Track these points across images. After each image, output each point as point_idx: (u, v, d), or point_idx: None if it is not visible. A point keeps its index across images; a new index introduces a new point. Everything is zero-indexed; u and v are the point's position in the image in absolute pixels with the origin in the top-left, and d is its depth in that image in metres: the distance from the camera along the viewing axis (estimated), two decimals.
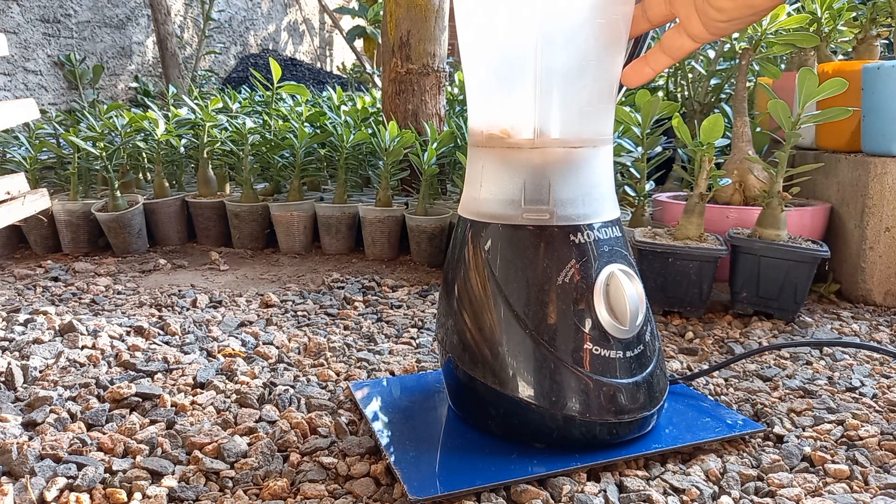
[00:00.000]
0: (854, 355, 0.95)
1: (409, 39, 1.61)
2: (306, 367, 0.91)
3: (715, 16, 0.56)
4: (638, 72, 0.65)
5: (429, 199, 1.47)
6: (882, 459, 0.67)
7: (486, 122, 0.66)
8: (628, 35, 0.64)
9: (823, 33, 1.37)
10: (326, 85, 3.48)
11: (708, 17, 0.57)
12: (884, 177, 1.15)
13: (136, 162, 1.80)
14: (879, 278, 1.18)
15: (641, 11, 0.63)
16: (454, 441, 0.68)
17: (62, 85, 2.67)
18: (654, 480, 0.63)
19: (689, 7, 0.58)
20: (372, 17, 3.44)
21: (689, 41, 0.60)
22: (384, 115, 1.68)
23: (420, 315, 1.13)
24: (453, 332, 0.68)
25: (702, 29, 0.58)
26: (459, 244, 0.69)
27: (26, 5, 2.50)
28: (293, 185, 1.57)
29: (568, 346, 0.63)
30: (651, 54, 0.64)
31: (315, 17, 4.49)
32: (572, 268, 0.63)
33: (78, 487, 0.61)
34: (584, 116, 0.64)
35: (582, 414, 0.63)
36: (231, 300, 1.21)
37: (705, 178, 1.09)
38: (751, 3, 0.54)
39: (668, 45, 0.62)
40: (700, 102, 1.61)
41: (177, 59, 2.91)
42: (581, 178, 0.65)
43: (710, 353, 0.97)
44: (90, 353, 0.93)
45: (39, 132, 1.83)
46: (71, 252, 1.58)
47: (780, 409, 0.78)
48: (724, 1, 0.55)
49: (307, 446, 0.69)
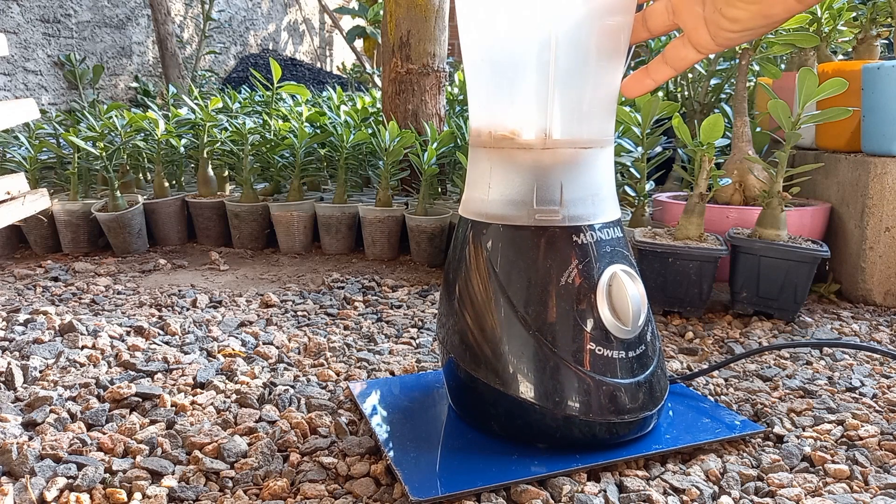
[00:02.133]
0: (854, 355, 0.95)
1: (409, 39, 1.61)
2: (306, 367, 0.91)
3: (727, 26, 0.54)
4: (639, 82, 0.63)
5: (429, 199, 1.47)
6: (882, 459, 0.67)
7: (493, 123, 0.65)
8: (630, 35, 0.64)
9: (823, 33, 1.37)
10: (326, 85, 3.48)
11: (719, 27, 0.54)
12: (884, 177, 1.15)
13: (136, 162, 1.80)
14: (879, 278, 1.18)
15: (641, 20, 0.62)
16: (455, 441, 0.68)
17: (62, 85, 2.67)
18: (654, 480, 0.63)
19: (696, 18, 0.56)
20: (372, 17, 3.43)
21: (693, 52, 0.58)
22: (384, 115, 1.68)
23: (420, 315, 1.13)
24: (454, 332, 0.68)
25: (709, 39, 0.56)
26: (461, 245, 0.69)
27: (26, 5, 2.50)
28: (293, 185, 1.57)
29: (570, 346, 0.63)
30: (653, 65, 0.62)
31: (315, 17, 4.49)
32: (575, 268, 0.64)
33: (78, 487, 0.61)
34: (593, 116, 0.64)
35: (584, 414, 0.63)
36: (231, 300, 1.21)
37: (705, 178, 1.09)
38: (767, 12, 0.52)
39: (671, 56, 0.60)
40: (700, 102, 1.61)
41: (177, 59, 2.91)
42: (589, 178, 0.65)
43: (710, 353, 0.97)
44: (90, 353, 0.93)
45: (39, 132, 1.83)
46: (71, 252, 1.57)
47: (780, 409, 0.78)
48: (738, 11, 0.52)
49: (307, 446, 0.69)
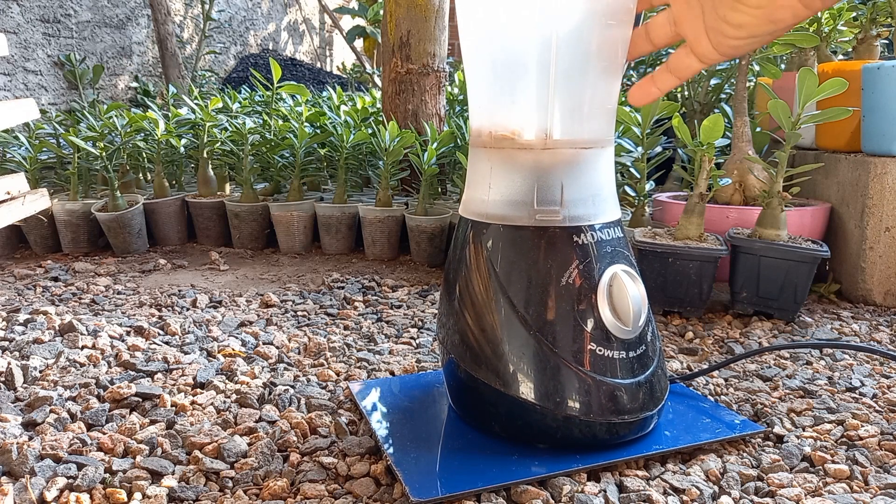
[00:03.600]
0: (854, 355, 0.95)
1: (409, 39, 1.61)
2: (306, 367, 0.91)
3: (732, 33, 0.52)
4: (644, 91, 0.63)
5: (429, 199, 1.47)
6: (882, 459, 0.67)
7: (494, 123, 0.65)
8: (630, 34, 0.64)
9: (823, 33, 1.37)
10: (326, 85, 3.47)
11: (723, 35, 0.53)
12: (884, 177, 1.15)
13: (136, 162, 1.80)
14: (879, 278, 1.18)
15: (644, 33, 0.61)
16: (455, 441, 0.68)
17: (62, 85, 2.67)
18: (654, 480, 0.63)
19: (697, 28, 0.55)
20: (372, 17, 3.43)
21: (696, 62, 0.58)
22: (384, 115, 1.68)
23: (420, 315, 1.13)
24: (455, 332, 0.68)
25: (711, 49, 0.55)
26: (461, 245, 0.69)
27: (26, 5, 2.50)
28: (293, 185, 1.57)
29: (571, 347, 0.63)
30: (658, 74, 0.62)
31: (315, 17, 4.49)
32: (576, 268, 0.64)
33: (78, 487, 0.61)
34: (594, 117, 0.64)
35: (584, 414, 0.63)
36: (231, 300, 1.21)
37: (705, 178, 1.09)
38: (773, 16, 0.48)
39: (675, 66, 0.60)
40: (700, 102, 1.61)
41: (177, 59, 2.91)
42: (590, 178, 0.65)
43: (710, 353, 0.97)
44: (90, 353, 0.93)
45: (39, 132, 1.83)
46: (71, 252, 1.57)
47: (780, 409, 0.78)
48: (743, 16, 0.50)
49: (307, 446, 0.69)
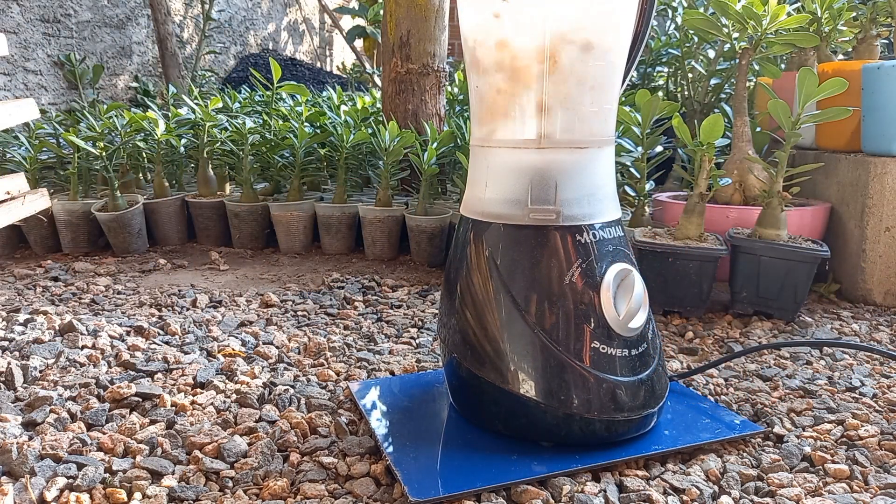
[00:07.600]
0: (854, 355, 0.95)
1: (409, 39, 1.61)
2: (306, 367, 0.91)
3: None
4: None
5: (429, 199, 1.47)
6: (882, 459, 0.67)
7: (492, 122, 0.66)
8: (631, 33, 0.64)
9: (823, 33, 1.37)
10: (326, 85, 3.47)
11: None
12: (884, 177, 1.15)
13: (136, 162, 1.80)
14: (879, 278, 1.18)
15: None
16: (455, 441, 0.68)
17: (62, 85, 2.67)
18: (653, 480, 0.63)
19: None
20: (372, 17, 3.43)
21: None
22: (384, 115, 1.68)
23: (420, 315, 1.13)
24: (456, 331, 0.68)
25: None
26: (462, 244, 0.69)
27: (26, 5, 2.50)
28: (293, 184, 1.57)
29: (573, 345, 0.63)
30: None
31: (315, 17, 4.49)
32: (578, 267, 0.64)
33: (78, 487, 0.61)
34: (590, 117, 0.64)
35: (587, 411, 0.63)
36: (231, 300, 1.21)
37: (705, 177, 1.09)
38: None
39: None
40: (700, 102, 1.61)
41: (177, 58, 2.91)
42: (586, 178, 0.65)
43: (710, 353, 0.97)
44: (90, 353, 0.93)
45: (39, 132, 1.83)
46: (71, 252, 1.57)
47: (780, 409, 0.78)
48: None
49: (307, 446, 0.69)
